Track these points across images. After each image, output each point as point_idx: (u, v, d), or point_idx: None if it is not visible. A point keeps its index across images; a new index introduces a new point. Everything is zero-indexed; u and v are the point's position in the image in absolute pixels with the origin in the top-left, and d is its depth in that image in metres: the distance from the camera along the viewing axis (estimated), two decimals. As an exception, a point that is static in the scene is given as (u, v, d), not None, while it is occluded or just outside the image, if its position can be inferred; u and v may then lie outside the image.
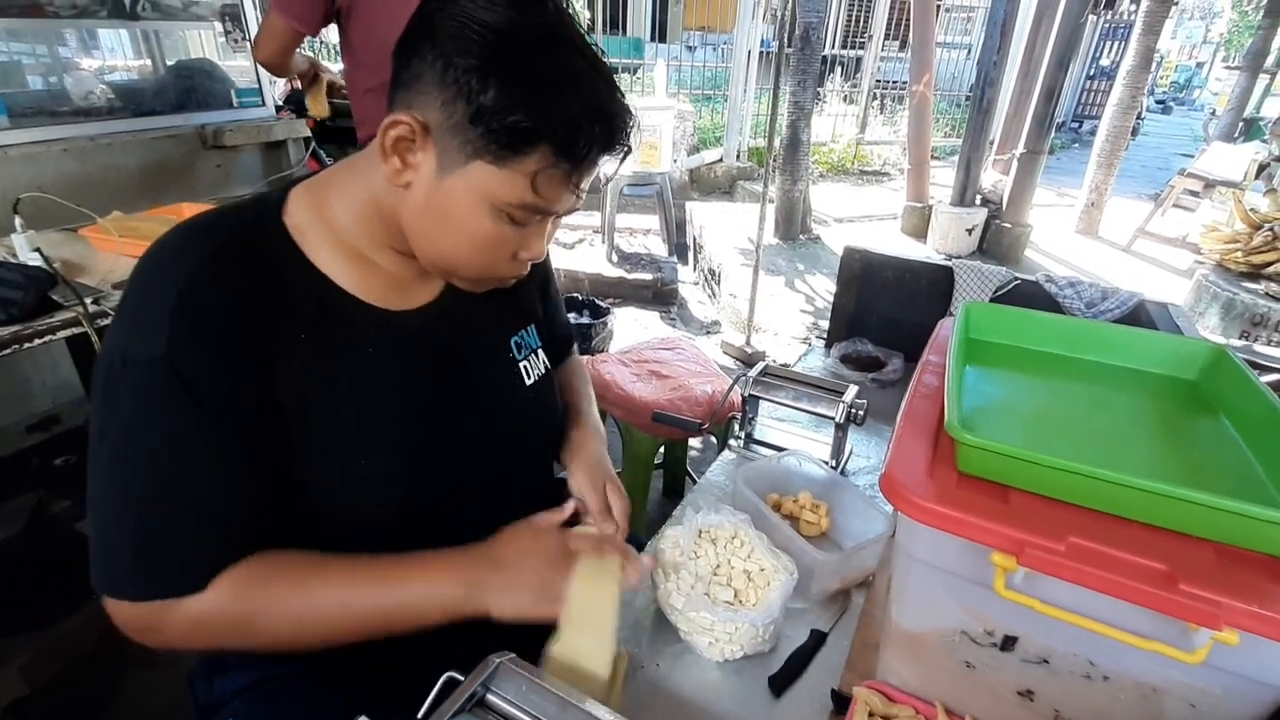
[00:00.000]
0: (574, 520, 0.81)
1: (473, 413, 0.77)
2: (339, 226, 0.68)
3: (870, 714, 0.67)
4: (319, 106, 2.07)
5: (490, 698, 0.59)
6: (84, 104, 2.17)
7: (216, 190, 2.43)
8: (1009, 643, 0.62)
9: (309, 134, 2.64)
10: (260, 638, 0.64)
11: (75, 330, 1.33)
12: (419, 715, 0.56)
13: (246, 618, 0.62)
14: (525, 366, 0.84)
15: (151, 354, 0.58)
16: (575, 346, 1.10)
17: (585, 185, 0.65)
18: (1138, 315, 1.35)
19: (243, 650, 0.71)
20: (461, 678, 0.59)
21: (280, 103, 2.85)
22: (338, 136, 2.78)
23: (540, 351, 0.88)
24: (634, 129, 0.65)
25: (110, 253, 1.66)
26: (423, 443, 0.72)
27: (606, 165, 0.66)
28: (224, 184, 2.48)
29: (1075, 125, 11.09)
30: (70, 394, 1.91)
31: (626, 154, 0.65)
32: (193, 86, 2.45)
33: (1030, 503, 0.58)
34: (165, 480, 0.59)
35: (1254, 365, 2.31)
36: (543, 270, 0.94)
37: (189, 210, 1.96)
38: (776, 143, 4.01)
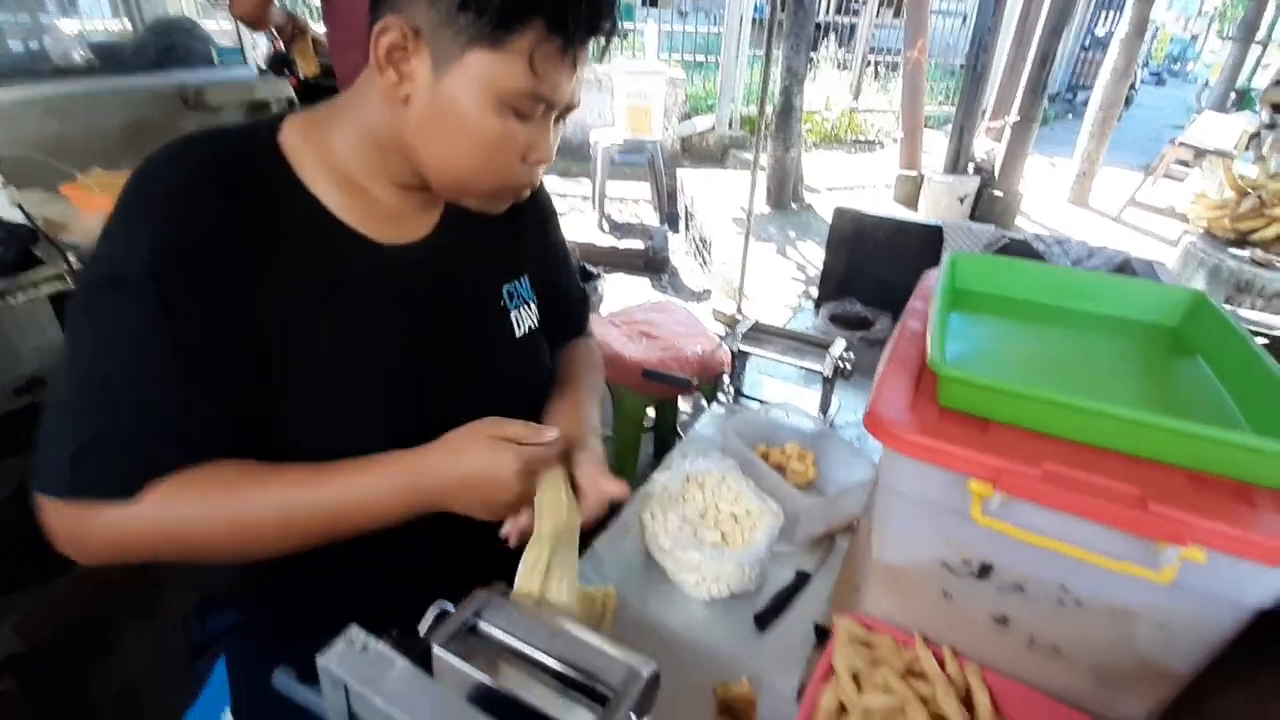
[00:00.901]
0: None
1: (461, 355, 0.76)
2: (334, 154, 0.68)
3: (850, 642, 0.69)
4: (308, 63, 2.03)
5: (481, 625, 0.61)
6: (64, 64, 2.12)
7: (199, 152, 2.38)
8: (985, 571, 0.63)
9: (293, 94, 2.59)
10: (196, 547, 0.62)
11: (59, 286, 1.32)
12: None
13: (177, 529, 0.60)
14: (516, 317, 0.83)
15: (130, 262, 0.57)
16: (589, 325, 1.04)
17: (580, 72, 0.65)
18: (1124, 272, 1.36)
19: (224, 580, 0.71)
20: (452, 608, 0.61)
21: (263, 65, 2.79)
22: (322, 96, 2.72)
23: (532, 305, 0.86)
24: (617, 10, 0.65)
25: (93, 211, 1.63)
26: (411, 383, 0.72)
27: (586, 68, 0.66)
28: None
29: (1069, 95, 11.02)
30: (56, 356, 1.89)
31: (611, 34, 0.65)
32: (172, 45, 2.40)
33: (1008, 434, 0.59)
34: (118, 383, 0.58)
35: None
36: (539, 218, 0.91)
37: (171, 170, 1.92)
38: (769, 109, 3.96)
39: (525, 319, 0.84)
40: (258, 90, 2.56)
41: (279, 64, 2.70)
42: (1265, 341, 2.35)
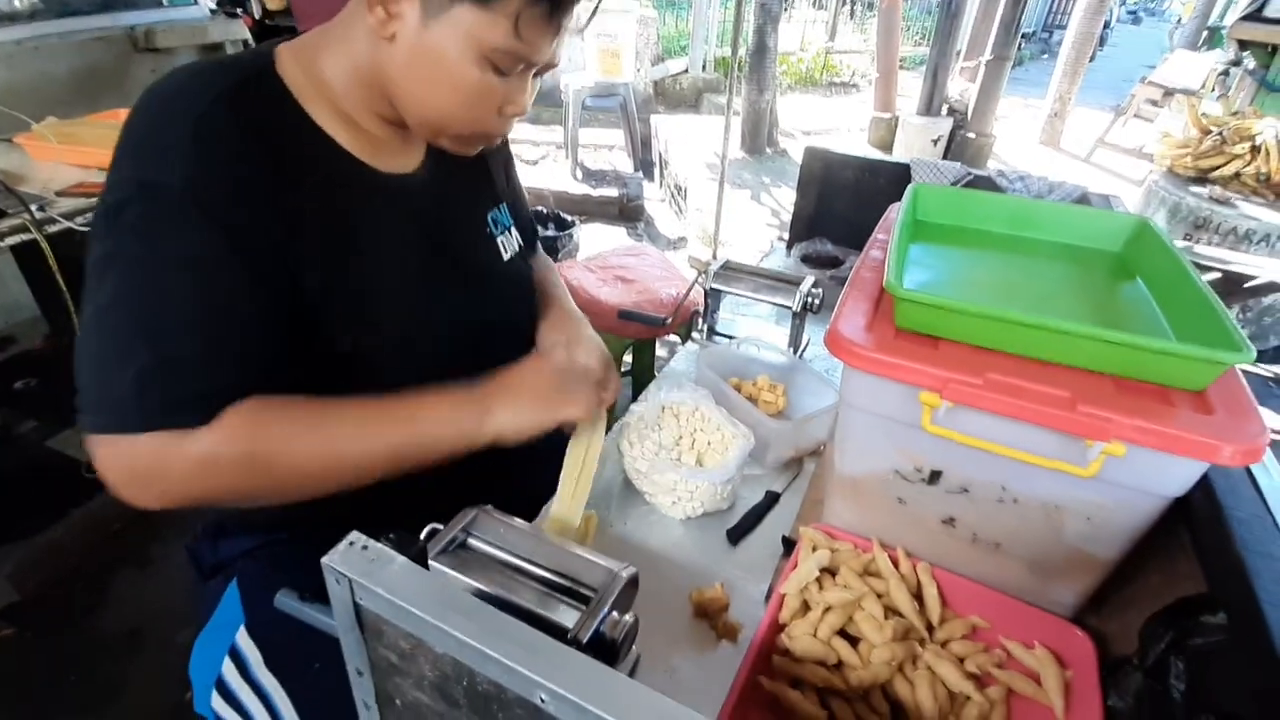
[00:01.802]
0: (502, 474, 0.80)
1: (461, 283, 0.80)
2: (328, 86, 0.68)
3: (814, 549, 0.75)
4: None
5: (471, 541, 0.65)
6: (6, 8, 2.01)
7: (154, 98, 2.30)
8: (935, 477, 0.69)
9: (247, 35, 2.49)
10: (274, 479, 0.63)
11: (22, 237, 1.30)
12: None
13: (259, 458, 0.60)
14: (502, 242, 0.86)
15: (168, 181, 0.57)
16: (539, 244, 1.10)
17: (564, 35, 0.66)
18: (1082, 205, 1.40)
19: (247, 507, 0.74)
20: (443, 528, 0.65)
21: (214, 5, 2.67)
22: (276, 35, 2.63)
23: (513, 231, 0.90)
24: None
25: (49, 161, 1.59)
26: (425, 312, 0.75)
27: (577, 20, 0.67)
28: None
29: (1045, 35, 10.93)
30: (23, 313, 1.86)
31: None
32: (117, -16, 2.27)
33: (957, 350, 0.64)
34: (180, 305, 0.58)
35: (1192, 264, 2.43)
36: (504, 154, 0.94)
37: (125, 116, 1.86)
38: (742, 50, 3.89)
39: (510, 244, 0.88)
40: (210, 31, 2.46)
41: (232, 1, 2.59)
42: (1219, 275, 2.45)
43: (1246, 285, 2.38)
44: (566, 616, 0.57)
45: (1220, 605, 0.55)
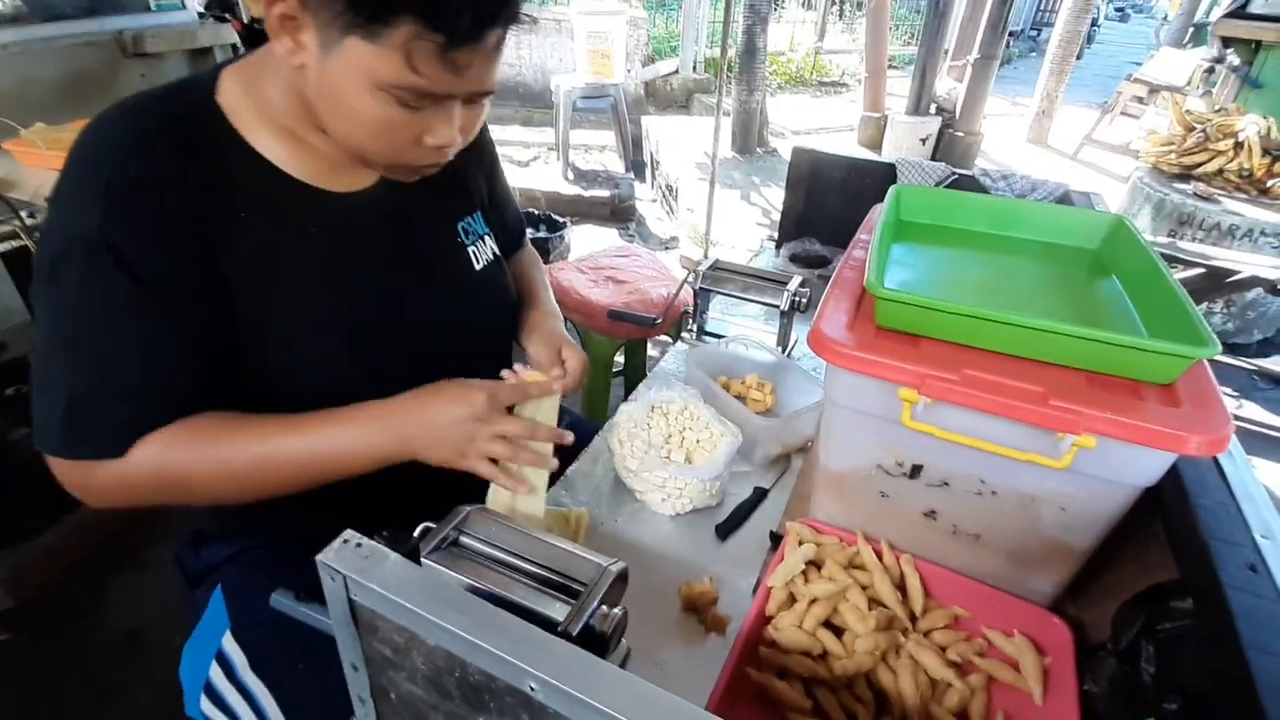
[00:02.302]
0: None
1: (421, 296, 0.79)
2: (271, 106, 0.68)
3: (800, 543, 0.77)
4: (255, 2, 1.96)
5: (463, 539, 0.66)
6: (-9, 13, 2.01)
7: (143, 103, 2.30)
8: (916, 471, 0.71)
9: (236, 39, 2.50)
10: (189, 493, 0.68)
11: (12, 244, 1.30)
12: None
13: (173, 477, 0.65)
14: (474, 252, 0.86)
15: (86, 229, 0.59)
16: (527, 238, 1.11)
17: (476, 64, 0.61)
18: (1063, 204, 1.43)
19: (216, 515, 0.75)
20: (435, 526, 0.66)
21: (202, 9, 2.66)
22: (265, 40, 2.63)
23: (488, 238, 0.89)
24: None
25: (38, 167, 1.58)
26: (371, 323, 0.75)
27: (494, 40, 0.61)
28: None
29: (1034, 33, 11.01)
30: (13, 319, 1.86)
31: (513, 21, 0.61)
32: (104, -12, 2.27)
33: (935, 347, 0.66)
34: (95, 354, 0.62)
35: (1176, 260, 2.46)
36: (488, 158, 0.94)
37: (117, 123, 1.86)
38: (731, 50, 3.91)
39: (484, 253, 0.87)
40: (199, 36, 2.46)
41: (220, 6, 2.59)
42: (1203, 271, 2.48)
43: (1229, 280, 2.42)
44: (557, 610, 0.58)
45: (1188, 590, 0.57)
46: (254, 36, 2.59)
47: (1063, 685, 0.64)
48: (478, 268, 0.85)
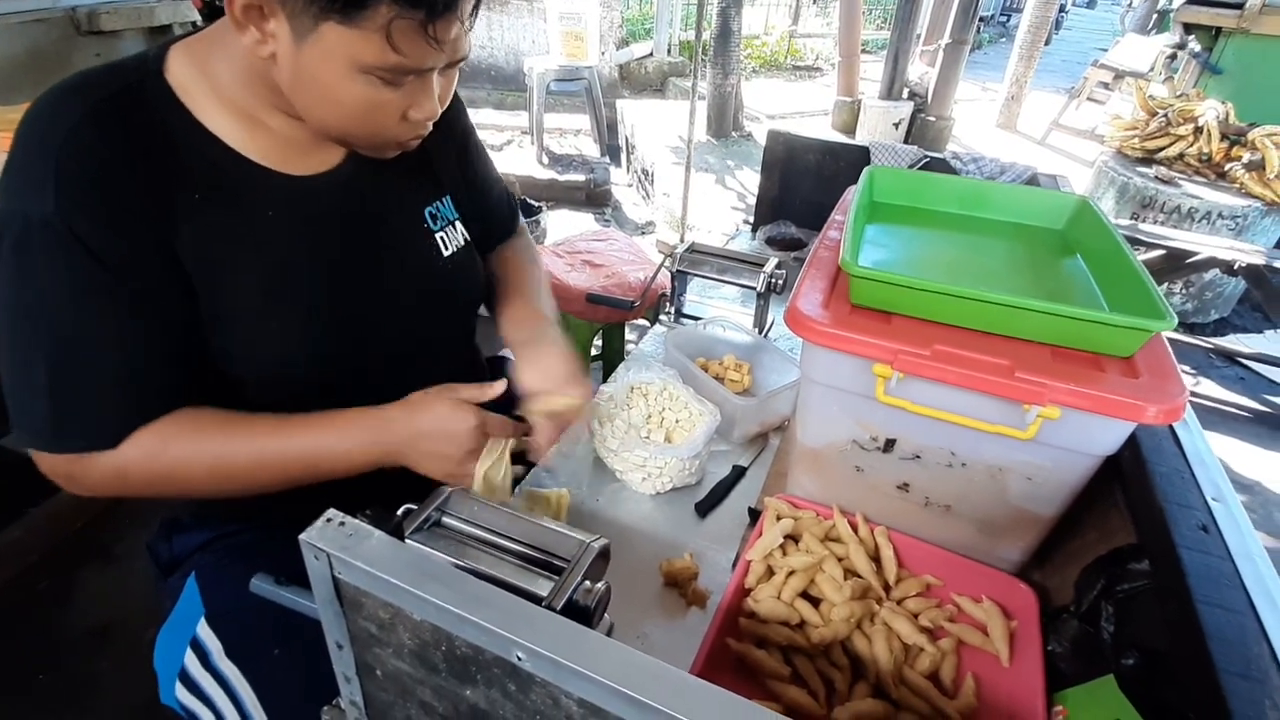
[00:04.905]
0: (505, 405, 0.77)
1: (382, 280, 0.77)
2: (224, 86, 0.65)
3: (778, 518, 0.78)
4: None
5: (446, 519, 0.67)
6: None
7: (101, 84, 2.22)
8: (889, 445, 0.73)
9: (197, 16, 2.42)
10: (181, 487, 0.68)
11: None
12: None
13: (164, 470, 0.65)
14: (442, 238, 0.83)
15: (42, 212, 0.57)
16: (523, 223, 1.07)
17: (453, 36, 0.61)
18: (1032, 186, 1.46)
19: (189, 503, 0.74)
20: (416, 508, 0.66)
21: (161, -15, 2.57)
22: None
23: (459, 224, 0.87)
24: None
25: (-9, 149, 1.53)
26: (327, 305, 0.73)
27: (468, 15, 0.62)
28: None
29: (1004, 19, 11.13)
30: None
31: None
32: (56, -37, 2.18)
33: (907, 324, 0.68)
34: (73, 340, 0.60)
35: (1138, 242, 2.53)
36: (459, 137, 0.90)
37: (74, 104, 1.80)
38: (706, 33, 3.89)
39: (453, 239, 0.85)
40: (158, 13, 2.38)
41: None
42: (1163, 252, 2.55)
43: (1188, 261, 2.49)
44: (541, 586, 0.59)
45: (1145, 552, 0.59)
46: (215, 14, 2.51)
47: (1028, 647, 0.67)
48: (446, 254, 0.83)
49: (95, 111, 0.60)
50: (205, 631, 0.76)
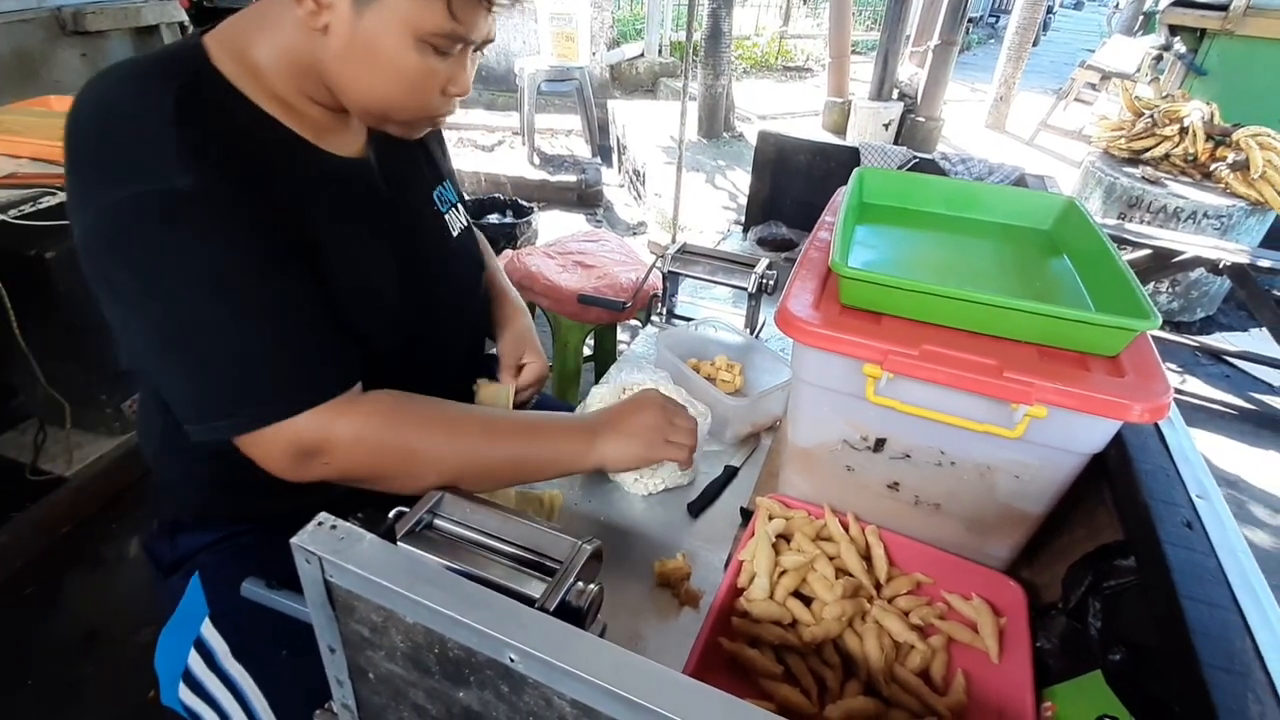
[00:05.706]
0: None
1: (404, 261, 0.78)
2: (263, 75, 0.66)
3: (770, 518, 0.79)
4: None
5: (438, 522, 0.67)
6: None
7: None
8: (880, 445, 0.73)
9: (184, 17, 2.40)
10: (412, 468, 0.67)
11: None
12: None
13: (399, 447, 0.66)
14: (449, 219, 0.87)
15: (183, 189, 0.56)
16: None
17: (500, 7, 0.65)
18: (1019, 187, 1.47)
19: (190, 504, 0.74)
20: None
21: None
22: (216, 18, 2.53)
23: (460, 207, 0.90)
24: None
25: (-23, 150, 1.51)
26: (397, 276, 0.76)
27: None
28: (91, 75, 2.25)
29: (993, 20, 11.21)
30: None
31: None
32: (40, -38, 2.16)
33: (896, 324, 0.68)
34: (271, 305, 0.61)
35: (1124, 241, 2.55)
36: (437, 133, 0.93)
37: (57, 103, 1.78)
38: (696, 33, 3.90)
39: (456, 220, 0.89)
40: (144, 13, 2.36)
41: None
42: (1149, 252, 2.58)
43: (1174, 260, 2.52)
44: (534, 588, 0.59)
45: (1131, 549, 0.60)
46: (202, 14, 2.50)
47: (1017, 643, 0.68)
48: (454, 234, 0.87)
49: (183, 93, 0.59)
50: (210, 631, 0.75)
